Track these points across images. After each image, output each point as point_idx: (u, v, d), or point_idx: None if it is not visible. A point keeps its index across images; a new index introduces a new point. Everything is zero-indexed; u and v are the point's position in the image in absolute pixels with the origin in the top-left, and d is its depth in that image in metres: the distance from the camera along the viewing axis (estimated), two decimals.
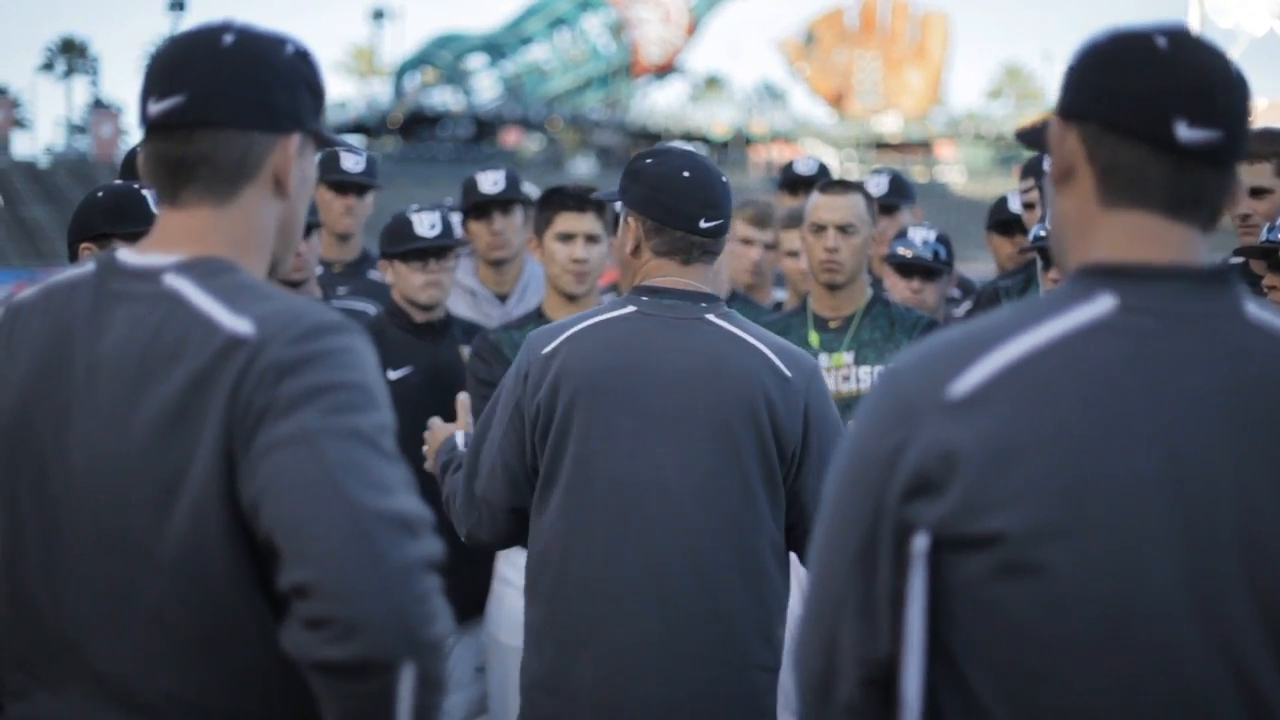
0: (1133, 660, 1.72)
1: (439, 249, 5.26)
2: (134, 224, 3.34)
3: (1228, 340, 1.79)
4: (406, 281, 5.28)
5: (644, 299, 3.43)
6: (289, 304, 1.99)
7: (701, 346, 3.38)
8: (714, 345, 3.38)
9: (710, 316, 3.42)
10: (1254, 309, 1.83)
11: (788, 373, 3.38)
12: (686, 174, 3.43)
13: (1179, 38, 1.82)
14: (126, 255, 2.09)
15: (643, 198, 3.44)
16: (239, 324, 1.95)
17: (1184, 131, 1.79)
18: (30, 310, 2.10)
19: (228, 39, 2.09)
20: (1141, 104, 1.80)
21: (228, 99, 2.06)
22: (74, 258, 3.46)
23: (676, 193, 3.42)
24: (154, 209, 3.33)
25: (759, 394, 3.35)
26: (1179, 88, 1.79)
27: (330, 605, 1.80)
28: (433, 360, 5.20)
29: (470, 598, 5.19)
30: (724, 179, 3.48)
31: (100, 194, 3.54)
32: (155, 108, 2.07)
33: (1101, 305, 1.80)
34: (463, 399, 4.00)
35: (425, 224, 5.26)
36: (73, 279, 2.10)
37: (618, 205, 3.59)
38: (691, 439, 3.33)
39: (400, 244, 5.27)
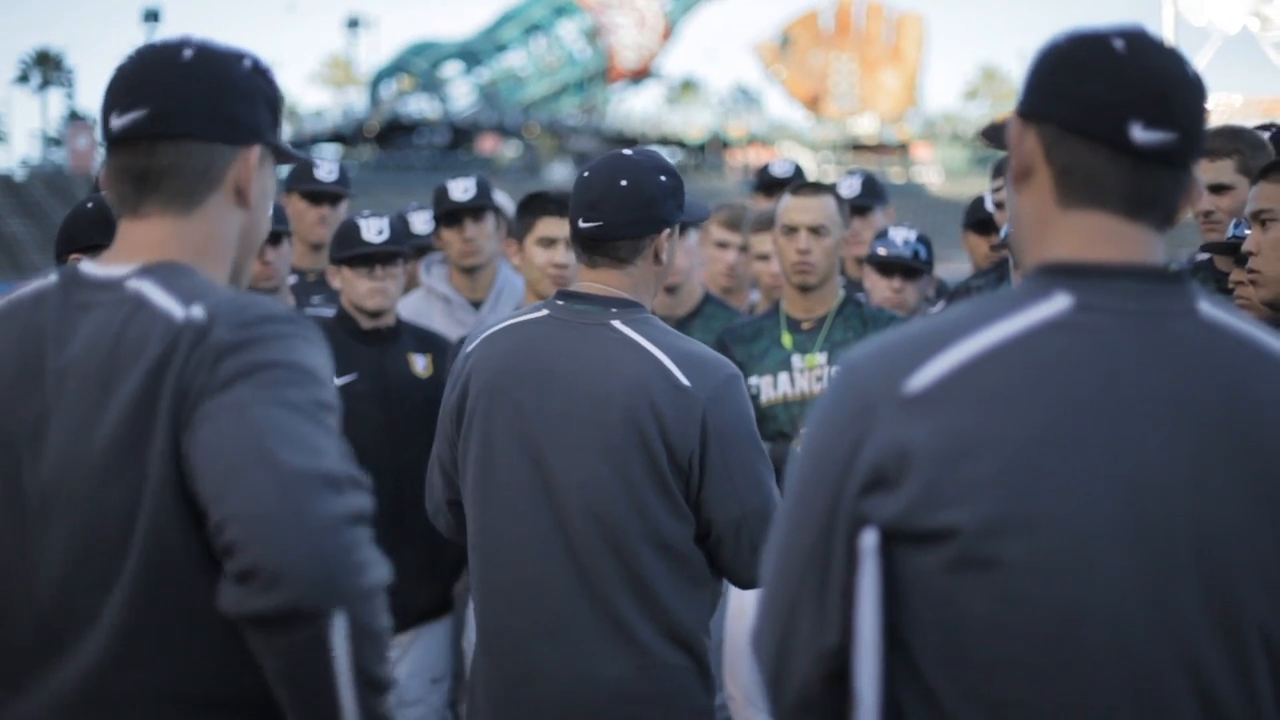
0: (1085, 652, 1.75)
1: (385, 255, 5.27)
2: None
3: (1182, 338, 1.82)
4: (353, 287, 5.30)
5: (559, 303, 3.44)
6: (245, 296, 2.07)
7: (596, 353, 3.35)
8: (608, 352, 3.35)
9: (615, 323, 3.37)
10: (1208, 308, 1.86)
11: (685, 382, 3.30)
12: (585, 174, 3.43)
13: (1136, 40, 1.84)
14: (89, 267, 2.14)
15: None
16: (192, 310, 2.01)
17: (1140, 134, 1.82)
18: None
19: (187, 53, 2.14)
20: (1098, 106, 1.83)
21: (190, 111, 2.12)
22: None
23: (573, 192, 3.44)
24: None
25: (644, 402, 3.29)
26: (1135, 90, 1.82)
27: (255, 557, 1.85)
28: (378, 367, 5.20)
29: (430, 601, 5.25)
30: (623, 182, 3.38)
31: (89, 205, 3.54)
32: (118, 122, 2.12)
33: (1058, 303, 1.82)
34: None
35: (373, 230, 5.27)
36: (37, 292, 2.15)
37: None
38: (577, 445, 3.32)
39: (347, 249, 5.28)
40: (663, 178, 3.43)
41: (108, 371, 2.02)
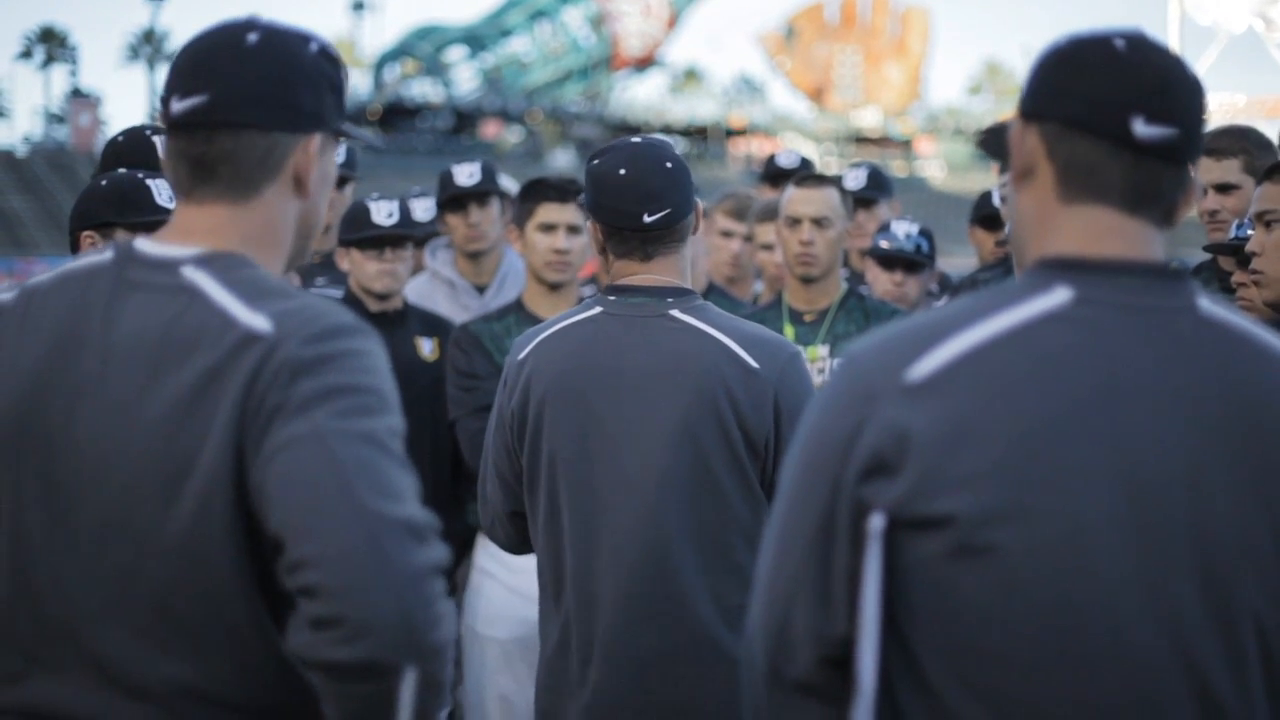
0: (1080, 642, 1.77)
1: (395, 238, 5.26)
2: (137, 214, 3.33)
3: (1180, 334, 1.84)
4: (362, 269, 5.29)
5: (611, 299, 3.40)
6: (306, 303, 2.01)
7: (663, 344, 3.33)
8: (675, 342, 3.32)
9: (675, 312, 3.35)
10: (1207, 304, 1.88)
11: (754, 364, 3.30)
12: (623, 171, 3.35)
13: (1136, 40, 1.87)
14: (145, 245, 2.11)
15: (591, 201, 3.41)
16: (255, 320, 1.97)
17: (1141, 128, 1.84)
18: (45, 295, 2.10)
19: (252, 38, 2.10)
20: (1100, 102, 1.85)
21: (250, 99, 2.07)
22: (75, 246, 3.45)
23: (615, 192, 3.35)
24: (158, 199, 3.34)
25: (719, 389, 3.28)
26: (1136, 86, 1.85)
27: (338, 606, 1.82)
28: (385, 350, 5.18)
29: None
30: (668, 165, 3.37)
31: (104, 182, 3.50)
32: (178, 106, 2.08)
33: (1058, 297, 1.84)
34: None
35: (382, 212, 5.25)
36: (91, 266, 2.12)
37: None
38: (652, 440, 3.29)
39: (356, 231, 5.28)
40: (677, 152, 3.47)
41: (155, 360, 1.99)
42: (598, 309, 3.41)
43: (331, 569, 1.83)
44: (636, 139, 3.49)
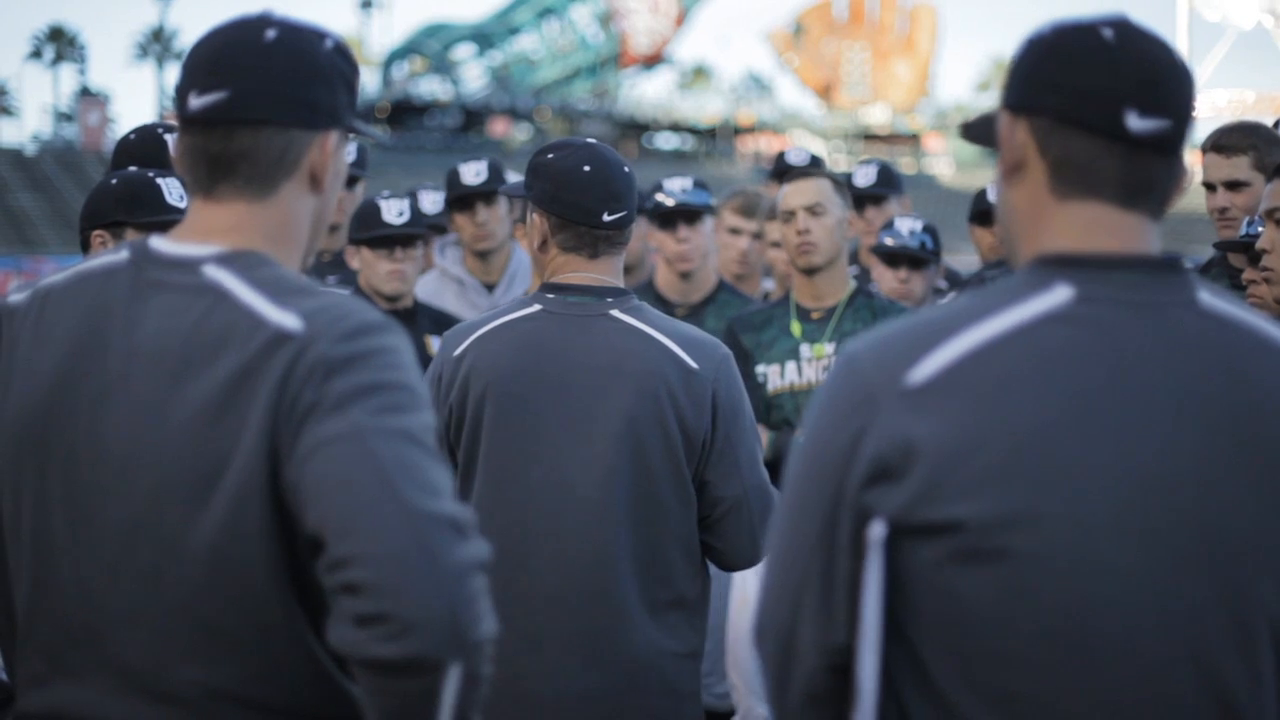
0: (1092, 644, 1.75)
1: (405, 237, 5.27)
2: (148, 213, 3.34)
3: (1183, 329, 1.83)
4: (372, 269, 5.30)
5: (550, 297, 3.42)
6: (333, 300, 2.00)
7: (604, 344, 3.36)
8: (616, 342, 3.36)
9: (614, 312, 3.39)
10: (1207, 297, 1.86)
11: (693, 364, 3.35)
12: (587, 168, 3.39)
13: (1124, 29, 1.86)
14: (162, 244, 2.09)
15: (546, 194, 3.42)
16: (285, 318, 1.96)
17: (1135, 121, 1.83)
18: (61, 295, 2.09)
19: (270, 34, 2.08)
20: (1093, 96, 1.83)
21: (270, 96, 2.06)
22: (86, 245, 3.44)
23: (578, 188, 3.38)
24: (168, 199, 3.34)
25: (662, 390, 3.32)
26: (1128, 79, 1.83)
27: (384, 603, 1.80)
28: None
29: None
30: (626, 169, 3.43)
31: (114, 181, 3.49)
32: (196, 102, 2.07)
33: (1059, 295, 1.83)
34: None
35: (393, 211, 5.26)
36: (107, 266, 2.10)
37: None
38: (594, 439, 3.32)
39: (367, 230, 5.28)
40: None
41: (182, 361, 1.97)
42: (536, 306, 3.43)
43: (377, 566, 1.81)
44: (591, 140, 3.53)
